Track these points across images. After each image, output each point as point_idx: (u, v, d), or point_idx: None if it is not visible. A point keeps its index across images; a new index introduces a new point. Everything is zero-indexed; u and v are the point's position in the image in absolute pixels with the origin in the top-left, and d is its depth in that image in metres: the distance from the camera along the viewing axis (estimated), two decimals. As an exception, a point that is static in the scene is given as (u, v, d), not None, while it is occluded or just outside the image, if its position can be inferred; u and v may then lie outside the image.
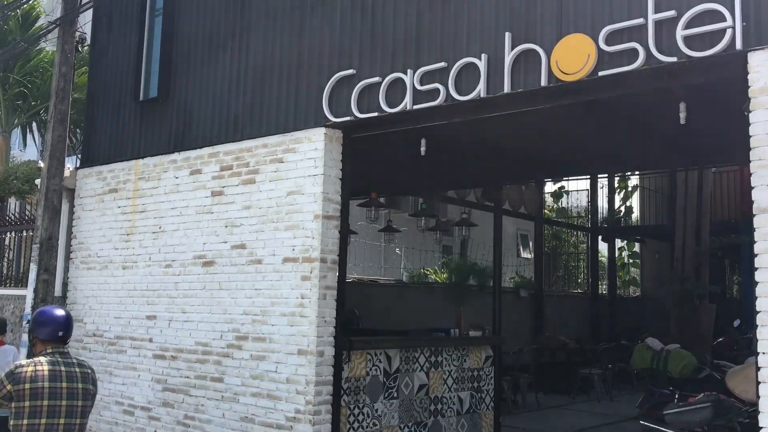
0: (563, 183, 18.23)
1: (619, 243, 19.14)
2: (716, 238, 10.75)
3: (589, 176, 15.66)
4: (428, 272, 13.22)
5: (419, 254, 13.29)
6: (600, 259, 18.44)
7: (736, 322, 12.45)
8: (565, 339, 13.35)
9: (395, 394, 6.48)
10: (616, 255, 18.64)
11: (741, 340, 12.14)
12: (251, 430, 5.81)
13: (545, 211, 18.36)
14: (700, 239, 10.11)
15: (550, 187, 19.35)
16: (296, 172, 5.90)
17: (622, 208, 18.40)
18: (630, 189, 19.24)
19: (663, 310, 19.58)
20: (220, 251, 6.38)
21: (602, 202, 18.30)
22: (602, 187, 18.45)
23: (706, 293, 9.59)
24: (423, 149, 5.92)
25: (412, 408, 6.65)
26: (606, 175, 15.94)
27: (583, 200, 19.40)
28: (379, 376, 6.34)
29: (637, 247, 19.94)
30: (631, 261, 19.76)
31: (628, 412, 11.27)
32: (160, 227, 6.97)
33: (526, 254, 17.73)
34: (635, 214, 19.19)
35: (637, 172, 19.62)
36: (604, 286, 19.04)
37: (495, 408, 7.67)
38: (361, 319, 10.35)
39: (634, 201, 19.45)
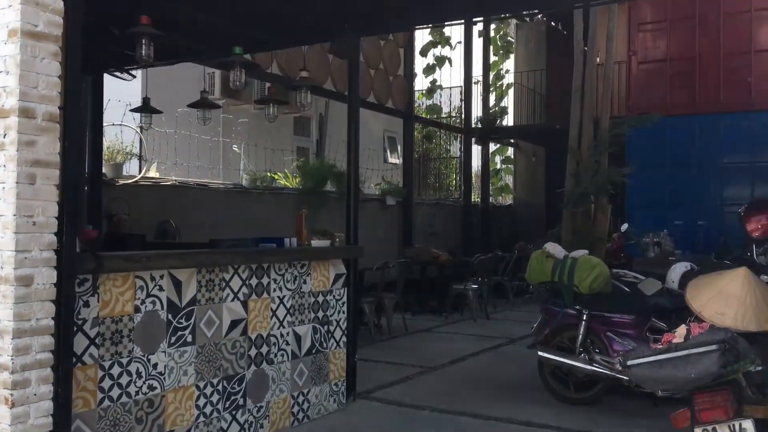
0: (435, 77, 16.17)
1: (492, 148, 17.53)
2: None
3: (463, 21, 13.36)
4: (277, 177, 10.82)
5: (266, 154, 10.81)
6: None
7: (624, 226, 11.13)
8: (436, 251, 11.52)
9: (189, 338, 4.17)
10: (489, 159, 17.05)
11: (632, 245, 10.83)
12: None
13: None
14: (598, 129, 8.42)
15: (420, 82, 17.28)
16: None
17: (497, 108, 16.67)
18: (505, 86, 17.54)
19: (538, 218, 18.35)
20: None
21: (476, 102, 16.47)
22: (477, 83, 16.58)
23: (605, 189, 7.96)
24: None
25: (218, 356, 4.38)
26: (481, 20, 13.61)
27: (456, 99, 17.49)
28: (159, 312, 3.98)
29: (510, 152, 18.46)
30: (504, 167, 18.27)
31: (507, 331, 9.70)
32: None
33: (394, 159, 15.65)
34: (509, 114, 17.56)
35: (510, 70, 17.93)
36: (477, 194, 17.49)
37: (348, 343, 5.58)
38: (179, 232, 7.86)
39: (509, 100, 17.80)
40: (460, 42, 16.06)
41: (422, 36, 15.83)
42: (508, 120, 17.43)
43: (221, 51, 5.93)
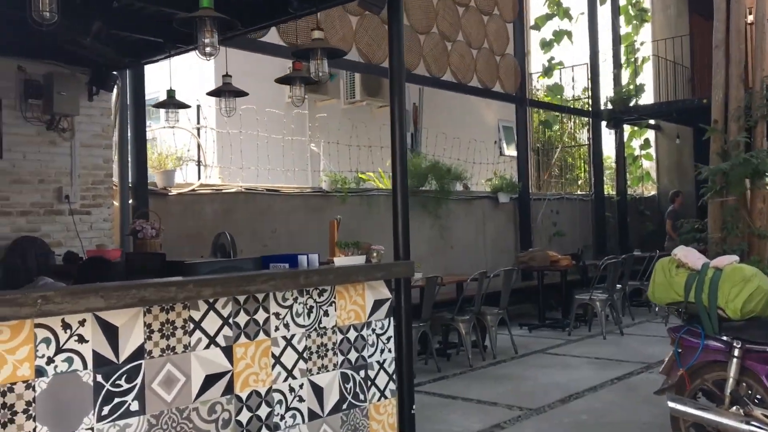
0: (553, 55, 14.32)
1: (627, 132, 15.37)
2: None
3: None
4: (365, 177, 9.62)
5: (358, 152, 9.63)
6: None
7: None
8: (555, 254, 9.81)
9: (135, 406, 2.98)
10: (624, 145, 14.92)
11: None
12: None
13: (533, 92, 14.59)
14: (752, 93, 6.43)
15: (536, 60, 15.50)
16: None
17: (631, 86, 14.52)
18: (641, 61, 15.32)
19: (686, 209, 15.95)
20: None
21: (606, 80, 14.43)
22: (605, 61, 14.55)
23: (766, 168, 6.00)
24: None
25: (187, 426, 3.15)
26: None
27: (581, 80, 15.50)
28: (79, 373, 2.83)
29: (649, 135, 16.17)
30: (643, 152, 16.02)
31: (643, 352, 7.85)
32: None
33: (511, 151, 14.02)
34: (648, 92, 15.29)
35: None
36: (612, 186, 15.42)
37: (402, 389, 4.20)
38: (233, 246, 6.80)
39: (646, 76, 15.55)
40: (582, 13, 14.13)
41: (536, 7, 14.06)
42: (646, 98, 15.19)
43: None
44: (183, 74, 7.08)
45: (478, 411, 5.59)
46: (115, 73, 6.46)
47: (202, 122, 7.79)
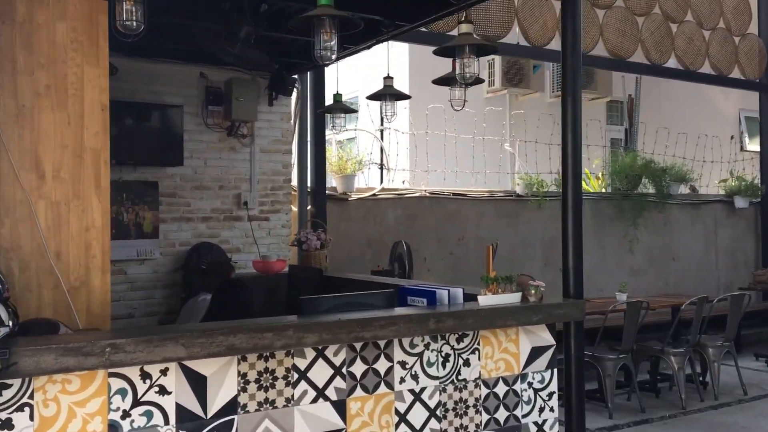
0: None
1: None
2: None
3: None
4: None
5: (552, 152, 8.72)
6: None
7: None
8: (805, 274, 8.09)
9: (223, 469, 2.60)
10: None
11: None
12: None
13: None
14: None
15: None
16: None
17: None
18: None
19: None
20: None
21: None
22: None
23: None
24: None
25: (285, 494, 2.72)
26: None
27: None
28: (160, 428, 2.50)
29: None
30: None
31: None
32: None
33: (754, 146, 12.05)
34: None
35: None
36: None
37: (570, 457, 3.44)
38: (409, 257, 6.32)
39: None
40: None
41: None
42: None
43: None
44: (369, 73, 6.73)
45: (682, 475, 4.58)
46: (295, 76, 6.30)
47: (385, 123, 7.45)
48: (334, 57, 3.06)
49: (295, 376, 2.76)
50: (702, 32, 9.32)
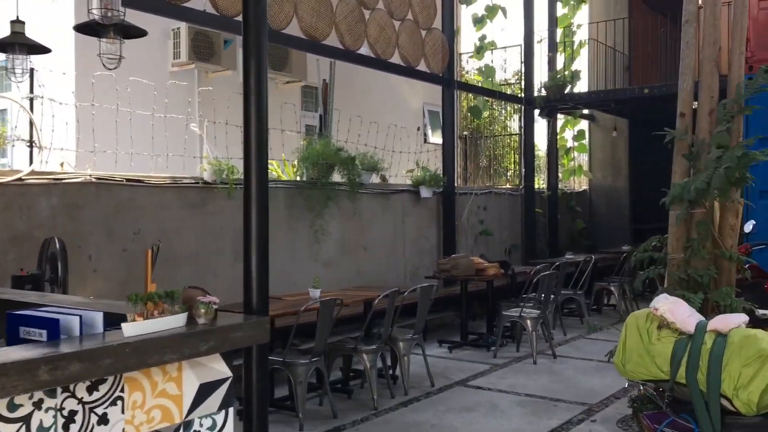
0: (485, 33, 12.98)
1: (560, 121, 14.25)
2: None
3: None
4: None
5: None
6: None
7: (748, 226, 7.89)
8: (481, 261, 8.50)
9: None
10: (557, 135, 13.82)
11: (761, 251, 7.57)
12: None
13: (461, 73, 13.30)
14: (727, 82, 5.21)
15: (466, 42, 14.17)
16: None
17: (566, 72, 13.36)
18: (577, 45, 14.18)
19: (619, 206, 15.00)
20: None
21: (540, 64, 13.22)
22: (540, 41, 13.34)
23: (744, 175, 4.78)
24: None
25: None
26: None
27: (513, 62, 14.26)
28: None
29: (583, 126, 15.12)
30: (576, 144, 14.95)
31: (581, 385, 6.04)
32: None
33: (437, 138, 12.68)
34: (583, 79, 14.19)
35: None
36: (542, 179, 14.36)
37: None
38: (63, 257, 5.11)
39: (582, 62, 14.44)
40: (517, -11, 12.83)
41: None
42: (581, 86, 14.09)
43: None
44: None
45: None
46: None
47: (37, 91, 6.03)
48: None
49: None
50: (393, 22, 9.33)
